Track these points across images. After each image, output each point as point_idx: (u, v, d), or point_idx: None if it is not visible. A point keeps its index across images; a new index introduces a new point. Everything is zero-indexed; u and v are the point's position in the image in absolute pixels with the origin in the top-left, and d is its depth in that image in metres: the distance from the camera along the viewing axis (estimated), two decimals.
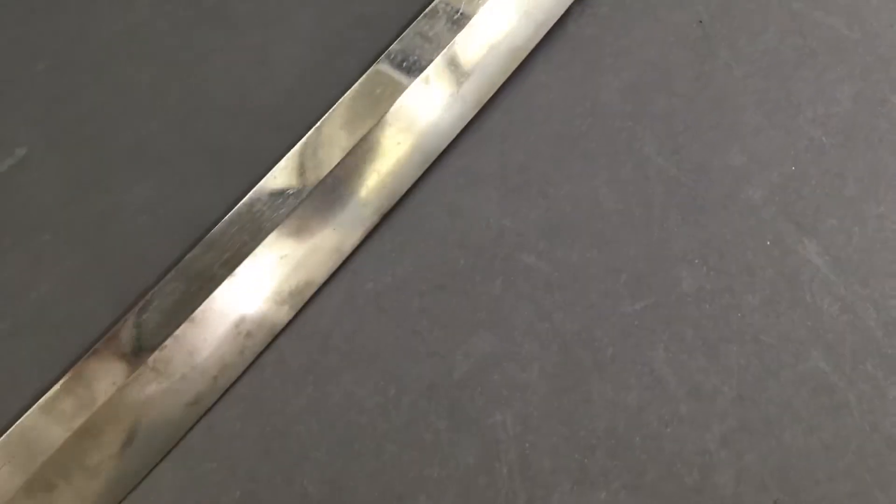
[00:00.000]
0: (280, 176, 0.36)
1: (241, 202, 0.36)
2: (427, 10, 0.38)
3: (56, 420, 0.32)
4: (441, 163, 0.38)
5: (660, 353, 0.34)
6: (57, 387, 0.33)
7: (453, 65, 0.38)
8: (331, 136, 0.37)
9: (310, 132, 0.36)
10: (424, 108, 0.37)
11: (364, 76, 0.37)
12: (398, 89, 0.37)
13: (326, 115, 0.37)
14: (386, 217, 0.37)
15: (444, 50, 0.37)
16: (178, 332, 0.33)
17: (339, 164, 0.36)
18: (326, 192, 0.36)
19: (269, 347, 0.35)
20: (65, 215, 0.38)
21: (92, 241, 0.38)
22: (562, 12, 0.39)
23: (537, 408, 0.34)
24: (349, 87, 0.37)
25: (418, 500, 0.33)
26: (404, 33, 0.37)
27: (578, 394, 0.34)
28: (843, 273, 0.35)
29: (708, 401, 0.34)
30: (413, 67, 0.37)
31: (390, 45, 0.37)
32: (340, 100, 0.37)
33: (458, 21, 0.38)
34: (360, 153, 0.36)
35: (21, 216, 0.38)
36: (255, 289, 0.35)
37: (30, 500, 0.32)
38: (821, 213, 0.36)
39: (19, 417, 0.33)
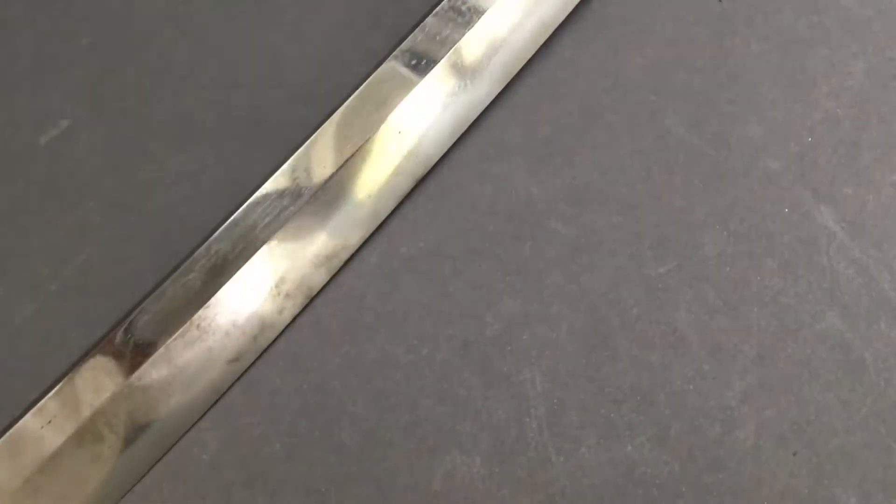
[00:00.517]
0: (317, 146, 0.38)
1: (280, 170, 0.37)
2: None
3: (105, 373, 0.34)
4: (471, 134, 0.39)
5: (682, 313, 0.36)
6: (104, 344, 0.34)
7: (482, 41, 0.39)
8: (364, 108, 0.38)
9: (347, 101, 0.38)
10: (456, 82, 0.39)
11: (397, 51, 0.39)
12: (431, 63, 0.38)
13: (360, 87, 0.39)
14: (419, 184, 0.38)
15: (473, 27, 0.39)
16: (221, 291, 0.35)
17: (373, 135, 0.37)
18: (362, 161, 0.37)
19: (306, 308, 0.37)
20: (108, 183, 0.40)
21: (134, 209, 0.39)
22: None
23: (565, 365, 0.35)
24: (383, 61, 0.39)
25: (451, 453, 0.34)
26: (437, 8, 0.38)
27: (605, 352, 0.35)
28: (858, 238, 0.36)
29: (729, 359, 0.35)
30: (445, 41, 0.38)
31: (424, 19, 0.38)
32: (375, 72, 0.39)
33: None
34: (396, 122, 0.38)
35: (66, 184, 0.40)
36: (293, 252, 0.36)
37: (79, 450, 0.33)
38: (836, 181, 0.37)
39: (69, 373, 0.34)
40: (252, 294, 0.36)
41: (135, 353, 0.34)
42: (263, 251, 0.36)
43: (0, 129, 0.41)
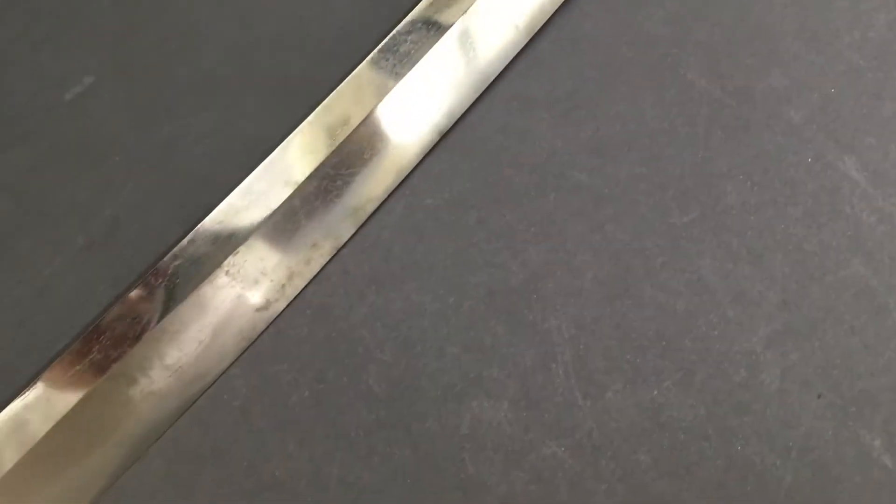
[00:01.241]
0: (340, 100, 0.38)
1: (304, 122, 0.37)
2: None
3: (136, 318, 0.34)
4: (494, 88, 0.39)
5: (707, 261, 0.36)
6: (138, 289, 0.35)
7: None
8: (387, 63, 0.38)
9: (369, 56, 0.38)
10: (481, 36, 0.39)
11: (421, 4, 0.39)
12: (452, 19, 0.39)
13: (382, 42, 0.39)
14: (443, 138, 0.38)
15: None
16: (250, 239, 0.35)
17: (396, 87, 0.38)
18: (386, 115, 0.38)
19: (333, 259, 0.37)
20: (132, 140, 0.40)
21: (158, 165, 0.39)
22: None
23: (591, 313, 0.35)
24: (407, 13, 0.39)
25: (478, 398, 0.35)
26: None
27: (630, 300, 0.36)
28: (880, 186, 0.36)
29: (754, 306, 0.35)
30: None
31: None
32: (397, 27, 0.39)
33: None
34: (419, 76, 0.38)
35: (91, 140, 0.40)
36: (321, 204, 0.37)
37: (111, 394, 0.33)
38: (859, 131, 0.38)
39: (97, 319, 0.35)
40: (280, 243, 0.36)
41: (165, 299, 0.34)
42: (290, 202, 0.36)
43: (25, 85, 0.41)
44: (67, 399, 0.33)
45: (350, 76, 0.39)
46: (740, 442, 0.33)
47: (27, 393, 0.33)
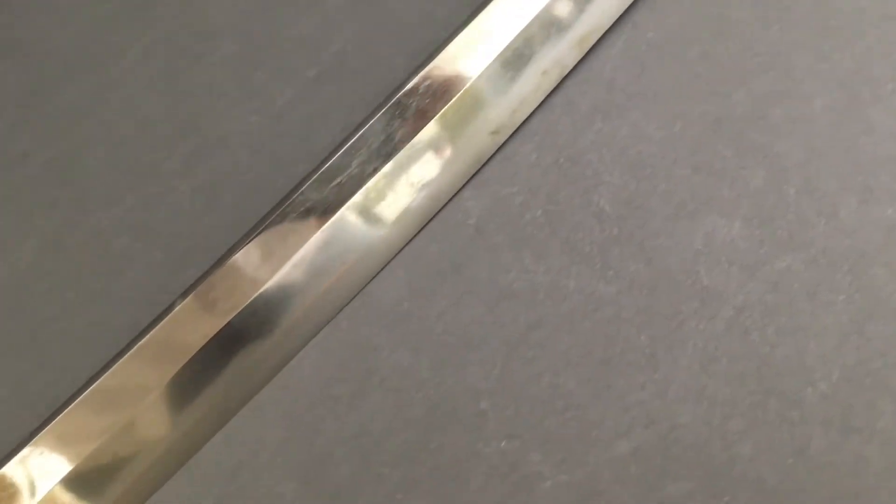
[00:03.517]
0: None
1: None
2: None
3: (395, 129, 0.36)
4: None
5: None
6: (390, 107, 0.36)
7: None
8: None
9: None
10: None
11: None
12: None
13: None
14: None
15: None
16: (490, 66, 0.36)
17: None
18: None
19: (557, 89, 0.38)
20: None
21: (378, 3, 0.41)
22: None
23: (820, 137, 0.36)
24: None
25: (710, 216, 0.35)
26: None
27: (859, 125, 0.36)
28: None
29: None
30: None
31: None
32: None
33: None
34: None
35: None
36: (554, 31, 0.37)
37: (364, 199, 0.35)
38: None
39: (333, 156, 0.36)
40: (512, 69, 0.37)
41: (416, 118, 0.36)
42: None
43: None
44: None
45: None
46: None
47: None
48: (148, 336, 0.34)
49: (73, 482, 0.33)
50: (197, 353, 0.34)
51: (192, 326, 0.34)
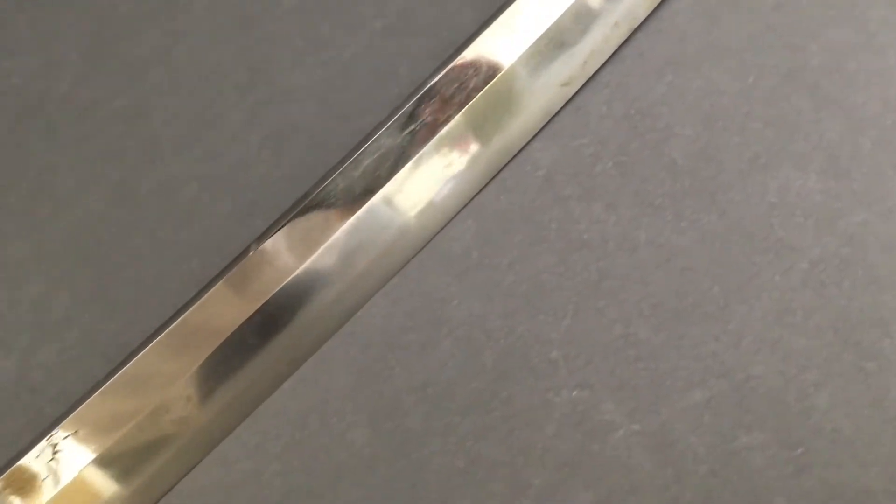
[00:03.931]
0: None
1: None
2: None
3: (468, 77, 0.36)
4: None
5: None
6: (461, 59, 0.36)
7: None
8: None
9: None
10: None
11: None
12: None
13: None
14: None
15: None
16: (559, 19, 0.36)
17: None
18: None
19: (628, 41, 0.38)
20: None
21: None
22: None
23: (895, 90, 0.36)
24: None
25: (784, 169, 0.35)
26: None
27: None
28: None
29: None
30: None
31: None
32: None
33: None
34: None
35: None
36: None
37: (436, 147, 0.35)
38: None
39: (405, 104, 0.36)
40: (585, 20, 0.37)
41: (488, 69, 0.35)
42: None
43: None
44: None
45: None
46: None
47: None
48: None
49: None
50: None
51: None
